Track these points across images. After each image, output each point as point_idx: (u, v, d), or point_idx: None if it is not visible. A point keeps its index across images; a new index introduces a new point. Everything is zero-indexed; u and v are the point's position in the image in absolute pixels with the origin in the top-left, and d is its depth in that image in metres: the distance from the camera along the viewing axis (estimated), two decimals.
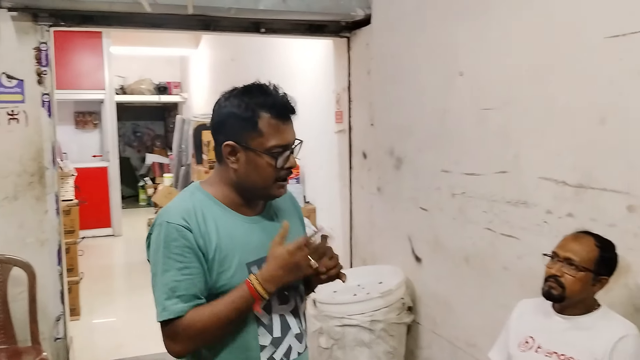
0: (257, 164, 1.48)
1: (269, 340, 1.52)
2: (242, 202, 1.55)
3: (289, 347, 1.56)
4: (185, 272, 1.42)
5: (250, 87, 1.54)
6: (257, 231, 1.54)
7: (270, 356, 1.53)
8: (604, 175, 2.13)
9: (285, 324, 1.56)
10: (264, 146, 1.47)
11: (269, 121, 1.47)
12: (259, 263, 1.50)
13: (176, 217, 1.45)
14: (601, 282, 1.89)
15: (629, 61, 2.02)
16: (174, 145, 9.48)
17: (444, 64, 3.05)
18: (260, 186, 1.52)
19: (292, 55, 5.16)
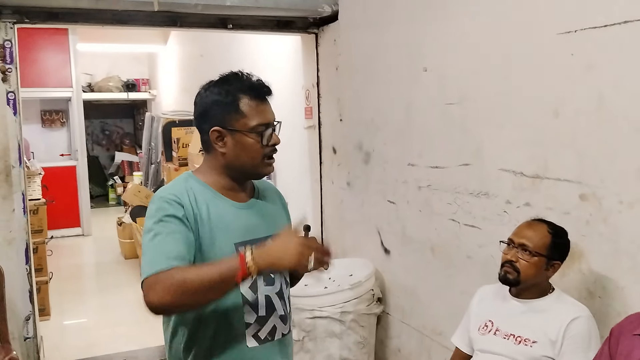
0: (244, 144, 1.58)
1: (254, 318, 1.60)
2: (233, 187, 1.64)
3: (274, 326, 1.64)
4: (174, 237, 1.47)
5: (226, 76, 1.64)
6: (245, 215, 1.63)
7: (255, 334, 1.60)
8: (558, 166, 2.23)
9: (270, 305, 1.63)
10: (248, 126, 1.57)
11: (249, 102, 1.58)
12: (246, 244, 1.55)
13: (169, 194, 1.54)
14: (554, 266, 1.99)
15: (579, 56, 2.11)
16: (143, 143, 9.41)
17: (409, 60, 3.12)
18: (250, 165, 1.60)
19: (261, 52, 5.19)
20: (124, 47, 9.41)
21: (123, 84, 10.12)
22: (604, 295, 2.07)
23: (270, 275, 1.64)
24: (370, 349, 3.37)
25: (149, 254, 1.46)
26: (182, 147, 6.51)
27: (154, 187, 8.08)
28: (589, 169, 2.10)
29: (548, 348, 1.90)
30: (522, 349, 1.94)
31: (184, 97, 8.36)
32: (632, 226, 1.96)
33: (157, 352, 3.97)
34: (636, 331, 1.57)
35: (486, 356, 2.03)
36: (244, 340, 1.59)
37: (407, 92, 3.15)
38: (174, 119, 7.15)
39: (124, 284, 5.84)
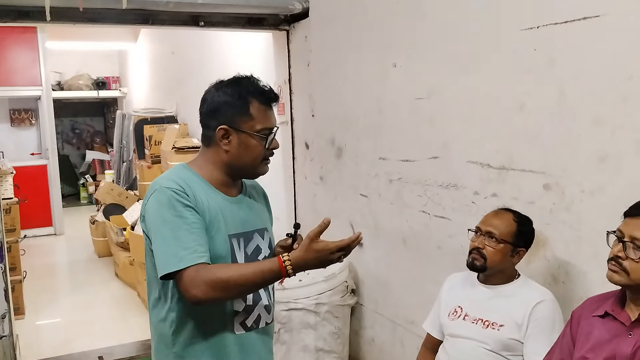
0: (248, 145, 1.66)
1: (242, 307, 1.69)
2: (226, 182, 1.71)
3: (259, 315, 1.73)
4: (195, 227, 1.56)
5: (239, 78, 1.72)
6: (237, 209, 1.71)
7: (243, 321, 1.69)
8: (522, 158, 2.32)
9: (257, 295, 1.72)
10: (255, 128, 1.66)
11: (258, 107, 1.66)
12: (238, 237, 1.68)
13: (172, 183, 1.60)
14: (519, 253, 2.08)
15: (542, 51, 2.20)
16: (114, 142, 9.34)
17: (379, 56, 3.19)
18: (250, 165, 1.69)
19: (233, 48, 5.22)
20: (94, 44, 9.31)
21: (93, 82, 10.02)
22: (567, 281, 2.17)
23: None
24: (344, 339, 3.44)
25: (175, 246, 1.52)
26: (155, 145, 6.49)
27: (127, 185, 8.04)
28: (552, 160, 2.20)
29: (514, 331, 1.99)
30: (490, 332, 2.02)
31: (156, 94, 8.33)
32: (593, 214, 2.05)
33: (133, 347, 3.99)
34: (595, 313, 1.66)
35: (456, 340, 2.11)
36: (232, 327, 1.68)
37: (378, 88, 3.22)
38: (146, 117, 7.12)
39: (98, 282, 5.82)
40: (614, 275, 1.56)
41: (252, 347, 1.73)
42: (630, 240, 1.52)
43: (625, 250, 1.52)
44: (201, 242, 1.55)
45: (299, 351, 3.24)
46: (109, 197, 6.93)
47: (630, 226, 1.54)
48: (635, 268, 1.51)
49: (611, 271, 1.56)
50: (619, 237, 1.56)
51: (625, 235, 1.54)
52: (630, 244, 1.51)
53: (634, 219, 1.54)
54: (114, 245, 5.97)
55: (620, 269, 1.53)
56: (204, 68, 6.03)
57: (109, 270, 6.14)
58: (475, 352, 2.03)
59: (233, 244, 1.66)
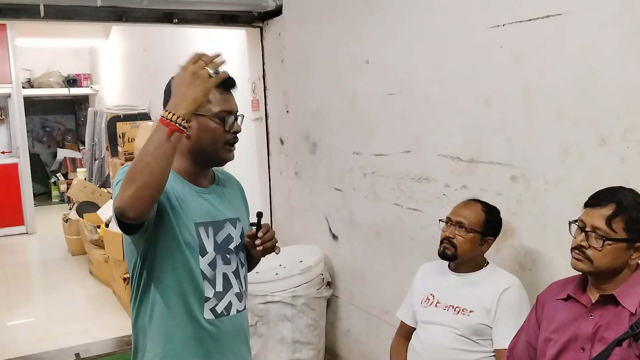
0: (207, 127, 1.68)
1: (212, 293, 1.72)
2: (196, 172, 1.74)
3: (230, 302, 1.76)
4: None
5: None
6: (206, 199, 1.75)
7: (213, 308, 1.72)
8: (490, 151, 2.41)
9: (227, 282, 1.75)
10: (212, 111, 1.68)
11: (214, 90, 1.64)
12: (206, 225, 1.71)
13: None
14: (487, 242, 2.17)
15: (508, 48, 2.29)
16: (86, 139, 9.26)
17: (351, 52, 3.25)
18: (212, 149, 1.71)
19: (206, 45, 5.22)
20: (64, 41, 9.20)
21: (64, 80, 9.90)
22: (534, 268, 2.27)
23: (227, 255, 1.75)
24: (321, 331, 3.50)
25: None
26: (128, 142, 6.46)
27: (99, 183, 7.98)
28: (518, 152, 2.29)
29: (484, 316, 2.08)
30: (460, 318, 2.11)
31: (128, 91, 8.27)
32: (557, 203, 2.15)
33: (110, 344, 4.00)
34: (558, 296, 1.74)
35: (428, 327, 2.19)
36: (202, 313, 1.71)
37: (351, 84, 3.28)
38: (118, 114, 7.08)
39: (72, 280, 5.78)
40: (578, 263, 1.63)
41: (223, 333, 1.76)
42: (592, 230, 1.59)
43: (587, 239, 1.60)
44: None
45: (276, 343, 3.29)
46: (82, 195, 6.88)
47: (590, 216, 1.62)
48: (597, 256, 1.59)
49: (575, 259, 1.64)
50: (581, 227, 1.63)
51: (587, 225, 1.61)
52: (593, 234, 1.59)
53: (593, 209, 1.62)
54: (88, 243, 5.93)
55: (584, 258, 1.61)
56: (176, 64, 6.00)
57: (84, 269, 6.11)
58: (447, 337, 2.12)
59: (200, 232, 1.69)
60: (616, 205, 1.58)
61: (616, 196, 1.59)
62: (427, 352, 2.17)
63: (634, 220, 1.56)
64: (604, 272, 1.60)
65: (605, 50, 1.94)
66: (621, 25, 1.88)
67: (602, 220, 1.58)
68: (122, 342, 3.97)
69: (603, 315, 1.61)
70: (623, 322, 1.57)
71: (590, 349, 1.60)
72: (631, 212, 1.56)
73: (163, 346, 1.70)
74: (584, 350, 1.61)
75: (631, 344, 1.52)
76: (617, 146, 1.92)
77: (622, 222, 1.56)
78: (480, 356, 2.10)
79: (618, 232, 1.56)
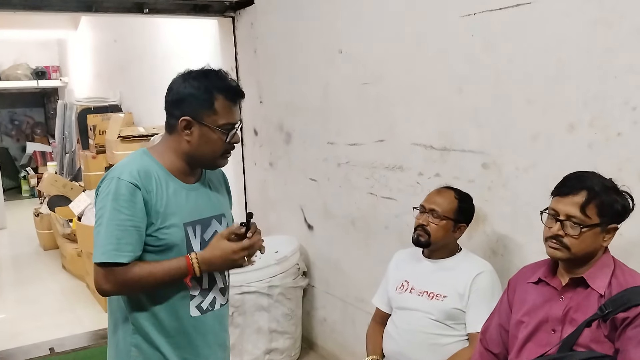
0: (209, 138, 1.69)
1: (198, 291, 1.75)
2: (185, 170, 1.75)
3: (214, 298, 1.80)
4: (129, 224, 1.60)
5: (207, 71, 1.73)
6: (194, 197, 1.76)
7: (199, 304, 1.76)
8: (462, 139, 2.44)
9: (212, 279, 1.78)
10: (217, 123, 1.68)
11: (223, 102, 1.68)
12: (194, 224, 1.73)
13: (127, 175, 1.63)
14: (460, 229, 2.21)
15: (478, 37, 2.31)
16: (56, 132, 9.10)
17: (324, 42, 3.25)
18: (210, 157, 1.73)
19: (177, 35, 5.17)
20: (32, 33, 9.01)
21: (32, 72, 9.71)
22: (505, 253, 2.31)
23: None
24: (297, 320, 3.52)
25: (105, 238, 1.59)
26: (99, 134, 6.38)
27: (71, 177, 7.86)
28: (489, 139, 2.32)
29: (457, 301, 2.12)
30: (434, 303, 2.14)
31: (99, 83, 8.15)
32: (527, 189, 2.19)
33: (84, 338, 3.96)
34: (529, 280, 1.78)
35: (403, 312, 2.23)
36: (188, 310, 1.74)
37: (324, 73, 3.28)
38: (89, 106, 6.97)
39: (45, 275, 5.70)
40: (556, 252, 1.65)
41: (209, 328, 1.80)
42: (567, 219, 1.62)
43: (563, 228, 1.63)
44: (129, 240, 1.60)
45: (252, 333, 3.30)
46: (54, 189, 6.77)
47: (563, 204, 1.64)
48: (575, 243, 1.61)
49: (553, 249, 1.65)
50: (554, 216, 1.66)
51: (560, 213, 1.63)
52: (568, 222, 1.62)
53: (564, 198, 1.64)
54: (61, 237, 5.85)
55: (562, 246, 1.63)
56: (147, 56, 5.96)
57: (56, 263, 6.03)
58: (421, 322, 2.15)
59: (188, 232, 1.71)
60: (587, 192, 1.60)
61: (585, 183, 1.62)
62: (402, 337, 2.20)
63: (606, 204, 1.60)
64: (580, 258, 1.64)
65: (573, 38, 1.97)
66: (588, 14, 1.92)
67: (577, 208, 1.60)
68: (97, 336, 3.93)
69: (573, 298, 1.65)
70: (592, 304, 1.61)
71: (560, 331, 1.64)
72: (602, 197, 1.60)
73: (151, 344, 1.72)
74: (554, 332, 1.66)
75: (600, 324, 1.56)
76: (585, 132, 1.96)
77: (595, 208, 1.60)
78: (453, 340, 2.14)
79: (592, 218, 1.60)
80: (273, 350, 3.37)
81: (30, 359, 3.65)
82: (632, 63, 1.81)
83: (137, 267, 1.61)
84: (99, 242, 1.60)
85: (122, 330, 1.75)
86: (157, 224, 1.65)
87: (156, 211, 1.64)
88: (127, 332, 1.74)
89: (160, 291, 1.69)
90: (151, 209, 1.64)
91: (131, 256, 1.60)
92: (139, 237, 1.62)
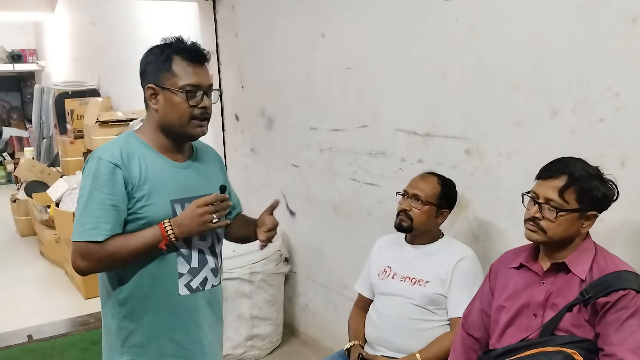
0: (172, 102, 1.66)
1: (187, 269, 1.73)
2: (171, 146, 1.73)
3: (205, 278, 1.78)
4: (109, 204, 1.60)
5: (166, 39, 1.72)
6: (183, 174, 1.73)
7: (187, 283, 1.74)
8: (445, 124, 2.44)
9: (203, 258, 1.77)
10: (177, 85, 1.66)
11: (181, 63, 1.66)
12: (182, 202, 1.70)
13: (107, 155, 1.63)
14: (443, 214, 2.21)
15: (463, 22, 2.30)
16: (33, 117, 8.94)
17: (307, 26, 3.22)
18: (178, 124, 1.68)
19: (157, 19, 5.09)
20: (7, 15, 8.80)
21: (8, 55, 9.52)
22: (487, 239, 2.32)
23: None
24: (279, 307, 3.52)
25: (83, 216, 1.60)
26: (77, 119, 6.28)
27: (48, 162, 7.74)
28: (472, 125, 2.32)
29: (439, 286, 2.12)
30: (417, 288, 2.14)
31: (76, 67, 8.02)
32: (509, 175, 2.19)
33: (63, 325, 3.91)
34: (511, 265, 1.79)
35: (386, 298, 2.23)
36: (177, 289, 1.72)
37: (307, 58, 3.25)
38: (66, 90, 6.86)
39: (22, 262, 5.62)
40: (532, 234, 1.66)
41: (198, 308, 1.78)
42: (545, 202, 1.63)
43: (541, 211, 1.64)
44: (108, 219, 1.60)
45: (234, 319, 3.29)
46: (31, 175, 6.67)
47: (543, 188, 1.65)
48: (551, 227, 1.62)
49: (530, 231, 1.67)
50: (534, 199, 1.67)
51: (540, 196, 1.65)
52: (546, 205, 1.63)
53: (545, 181, 1.65)
54: (38, 224, 5.77)
55: (538, 229, 1.64)
56: (126, 39, 5.86)
57: (34, 250, 5.94)
58: (404, 308, 2.15)
59: (175, 208, 1.69)
60: (568, 177, 1.61)
61: (567, 167, 1.63)
62: (384, 322, 2.20)
63: (586, 190, 1.60)
64: (557, 241, 1.65)
65: (557, 24, 1.97)
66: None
67: (555, 192, 1.61)
68: (76, 323, 3.89)
69: (554, 283, 1.66)
70: (573, 289, 1.62)
71: (542, 315, 1.65)
72: (582, 183, 1.60)
73: (140, 322, 1.72)
74: (536, 317, 1.66)
75: (581, 309, 1.58)
76: (568, 118, 1.97)
77: (574, 193, 1.60)
78: (435, 325, 2.14)
79: (570, 203, 1.60)
80: (255, 336, 3.37)
81: (8, 346, 3.61)
82: (615, 48, 1.82)
83: (112, 240, 1.61)
84: (78, 221, 1.61)
85: (109, 311, 1.75)
86: (142, 201, 1.64)
87: (139, 189, 1.63)
88: (114, 312, 1.74)
89: (145, 269, 1.68)
90: (134, 187, 1.63)
91: (108, 235, 1.60)
92: (118, 216, 1.62)
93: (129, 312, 1.72)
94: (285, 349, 3.57)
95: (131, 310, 1.72)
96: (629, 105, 1.80)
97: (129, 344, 1.73)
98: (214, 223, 1.66)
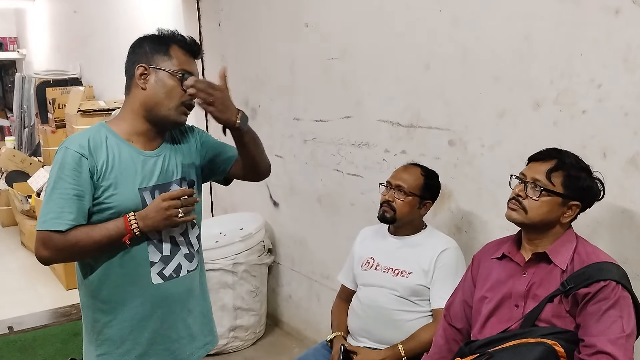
0: (165, 83, 1.66)
1: (159, 257, 1.71)
2: (145, 133, 1.71)
3: (179, 264, 1.76)
4: (73, 193, 1.59)
5: (162, 30, 1.74)
6: (152, 162, 1.71)
7: (160, 272, 1.72)
8: (429, 115, 2.43)
9: (175, 245, 1.75)
10: (172, 68, 1.67)
11: (178, 50, 1.69)
12: (153, 190, 1.69)
13: (74, 144, 1.61)
14: (426, 205, 2.20)
15: (445, 12, 2.29)
16: (14, 106, 8.83)
17: (290, 16, 3.19)
18: (165, 106, 1.67)
19: (138, 7, 5.02)
20: None
21: None
22: (470, 230, 2.32)
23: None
24: (262, 297, 3.51)
25: (48, 205, 1.60)
26: (59, 108, 6.19)
27: (30, 152, 7.65)
28: (456, 116, 2.31)
29: (422, 277, 2.12)
30: (399, 280, 2.14)
31: (58, 55, 7.91)
32: (492, 167, 2.19)
33: (44, 316, 3.87)
34: (493, 255, 1.79)
35: (369, 289, 2.22)
36: (149, 278, 1.70)
37: (290, 48, 3.23)
38: (48, 79, 6.76)
39: (3, 252, 5.55)
40: (512, 213, 1.67)
41: (174, 295, 1.76)
42: (532, 181, 1.64)
43: (525, 190, 1.64)
44: (72, 209, 1.59)
45: (217, 310, 3.26)
46: (12, 164, 6.58)
47: (532, 169, 1.66)
48: (533, 206, 1.63)
49: (510, 209, 1.67)
50: (521, 179, 1.67)
51: (527, 177, 1.66)
52: (531, 184, 1.64)
53: (536, 163, 1.66)
54: (19, 214, 5.70)
55: (520, 207, 1.65)
56: (108, 28, 5.78)
57: (15, 240, 5.87)
58: (386, 299, 2.15)
59: (145, 197, 1.67)
60: (557, 161, 1.63)
61: (560, 154, 1.65)
62: (366, 313, 2.20)
63: (573, 177, 1.61)
64: (537, 224, 1.65)
65: (540, 15, 1.97)
66: None
67: (543, 173, 1.62)
68: (57, 314, 3.85)
69: (536, 273, 1.66)
70: (555, 280, 1.62)
71: (523, 306, 1.66)
72: (571, 170, 1.62)
73: (114, 313, 1.71)
74: (517, 307, 1.67)
75: (562, 300, 1.58)
76: (551, 110, 1.97)
77: (561, 177, 1.61)
78: (418, 316, 2.14)
79: (556, 186, 1.61)
80: (238, 327, 3.35)
81: None
82: (598, 40, 1.82)
83: (75, 230, 1.59)
84: (43, 210, 1.60)
85: (85, 303, 1.74)
86: (109, 190, 1.63)
87: (105, 178, 1.62)
88: (88, 303, 1.73)
89: (116, 259, 1.67)
90: (100, 176, 1.61)
91: (71, 224, 1.59)
92: (82, 206, 1.60)
93: (102, 302, 1.71)
94: (269, 340, 3.57)
95: (104, 301, 1.70)
96: (611, 97, 1.81)
97: (103, 336, 1.72)
98: (179, 217, 1.65)
